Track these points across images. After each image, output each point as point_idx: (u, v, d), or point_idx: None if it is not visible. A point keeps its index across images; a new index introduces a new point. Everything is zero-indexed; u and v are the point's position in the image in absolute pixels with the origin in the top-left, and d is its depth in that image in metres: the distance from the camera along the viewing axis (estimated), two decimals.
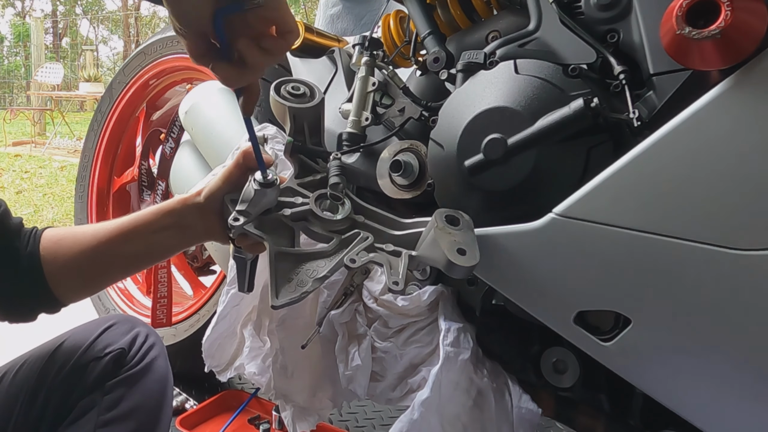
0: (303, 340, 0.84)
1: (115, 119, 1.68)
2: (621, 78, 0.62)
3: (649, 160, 0.54)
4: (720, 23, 0.47)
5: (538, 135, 0.62)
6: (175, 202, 0.72)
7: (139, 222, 0.71)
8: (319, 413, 0.92)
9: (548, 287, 0.61)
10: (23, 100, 12.99)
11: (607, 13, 0.66)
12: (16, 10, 24.56)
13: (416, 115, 0.80)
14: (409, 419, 0.67)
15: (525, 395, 0.74)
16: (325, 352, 0.88)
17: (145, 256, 0.73)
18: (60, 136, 7.80)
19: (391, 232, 0.67)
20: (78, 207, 1.75)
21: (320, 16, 1.97)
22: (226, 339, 0.94)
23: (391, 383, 0.82)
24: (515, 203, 0.65)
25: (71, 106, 12.78)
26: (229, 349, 0.95)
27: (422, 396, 0.67)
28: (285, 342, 0.88)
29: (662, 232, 0.53)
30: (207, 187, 0.71)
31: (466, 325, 0.75)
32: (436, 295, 0.78)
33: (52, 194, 4.39)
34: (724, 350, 0.53)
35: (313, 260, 0.61)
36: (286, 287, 0.57)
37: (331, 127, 0.99)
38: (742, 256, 0.50)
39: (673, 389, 0.58)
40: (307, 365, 0.89)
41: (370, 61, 0.85)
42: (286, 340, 0.88)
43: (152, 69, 1.56)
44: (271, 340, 0.89)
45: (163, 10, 0.66)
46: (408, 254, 0.61)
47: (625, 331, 0.58)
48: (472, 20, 0.86)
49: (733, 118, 0.50)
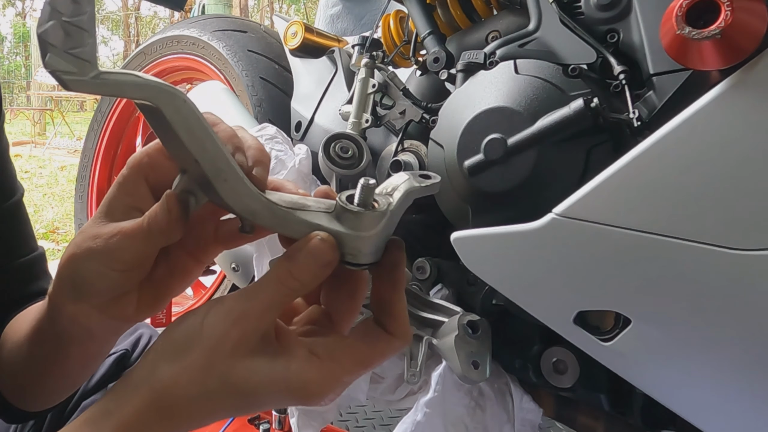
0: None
1: (115, 119, 1.68)
2: (621, 78, 0.62)
3: (649, 160, 0.54)
4: (720, 23, 0.47)
5: (538, 135, 0.62)
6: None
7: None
8: (323, 416, 0.92)
9: (548, 287, 0.61)
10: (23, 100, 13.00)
11: (607, 13, 0.66)
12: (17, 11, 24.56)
13: (417, 117, 0.80)
14: (413, 420, 0.67)
15: (526, 395, 0.74)
16: None
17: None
18: (60, 136, 7.80)
19: (414, 312, 0.71)
20: (78, 207, 1.75)
21: (320, 16, 1.98)
22: None
23: (391, 385, 0.82)
24: (515, 203, 0.65)
25: (71, 106, 12.78)
26: None
27: (426, 397, 0.68)
28: None
29: (662, 232, 0.53)
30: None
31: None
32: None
33: (52, 194, 4.39)
34: (724, 350, 0.53)
35: None
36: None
37: (330, 128, 0.99)
38: (742, 256, 0.50)
39: (673, 389, 0.58)
40: None
41: (370, 63, 0.85)
42: None
43: (152, 69, 1.56)
44: None
45: (163, 10, 0.64)
46: (428, 341, 0.68)
47: (625, 331, 0.58)
48: (472, 20, 0.86)
49: (733, 118, 0.50)
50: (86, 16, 0.29)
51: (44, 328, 0.44)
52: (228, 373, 0.33)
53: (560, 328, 0.62)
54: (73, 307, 0.40)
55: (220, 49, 1.30)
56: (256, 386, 0.34)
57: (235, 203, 0.35)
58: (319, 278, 0.35)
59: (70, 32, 0.28)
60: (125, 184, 0.40)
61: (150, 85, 0.31)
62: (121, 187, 0.40)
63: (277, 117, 1.14)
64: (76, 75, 0.29)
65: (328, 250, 0.34)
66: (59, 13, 0.28)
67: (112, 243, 0.37)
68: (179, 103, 0.32)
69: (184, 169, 0.36)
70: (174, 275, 0.42)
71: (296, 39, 1.10)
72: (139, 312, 0.41)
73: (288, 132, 1.06)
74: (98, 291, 0.39)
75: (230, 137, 0.38)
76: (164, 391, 0.33)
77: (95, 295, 0.39)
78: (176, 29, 1.45)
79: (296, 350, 0.35)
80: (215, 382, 0.33)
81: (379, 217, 0.34)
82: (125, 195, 0.40)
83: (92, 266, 0.38)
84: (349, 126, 0.84)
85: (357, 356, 0.35)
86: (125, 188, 0.40)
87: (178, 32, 1.43)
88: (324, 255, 0.34)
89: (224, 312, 0.34)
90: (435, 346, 0.68)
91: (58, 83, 0.29)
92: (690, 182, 0.52)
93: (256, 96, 1.19)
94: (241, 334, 0.33)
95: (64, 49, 0.28)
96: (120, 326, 0.45)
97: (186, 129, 0.33)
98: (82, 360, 0.47)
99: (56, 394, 0.53)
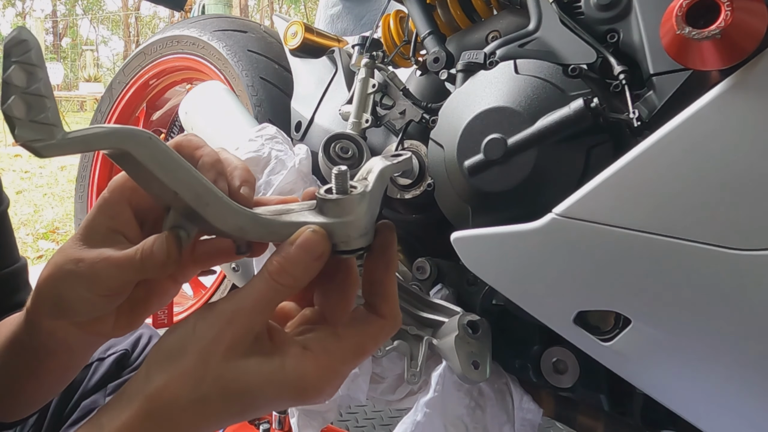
0: None
1: (115, 119, 1.68)
2: (621, 78, 0.62)
3: (649, 160, 0.54)
4: (720, 23, 0.47)
5: (538, 135, 0.62)
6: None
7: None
8: (323, 416, 0.92)
9: (548, 287, 0.61)
10: None
11: (607, 13, 0.66)
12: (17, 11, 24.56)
13: (417, 117, 0.80)
14: (413, 420, 0.67)
15: (526, 395, 0.74)
16: None
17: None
18: None
19: (415, 312, 0.71)
20: (78, 207, 1.75)
21: (320, 16, 1.97)
22: None
23: (391, 385, 0.82)
24: (515, 203, 0.65)
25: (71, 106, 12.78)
26: None
27: (426, 397, 0.68)
28: None
29: (662, 232, 0.53)
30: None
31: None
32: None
33: (52, 194, 4.39)
34: (724, 350, 0.53)
35: None
36: None
37: (330, 128, 0.99)
38: (742, 256, 0.50)
39: (673, 389, 0.58)
40: None
41: (370, 63, 0.85)
42: None
43: (152, 69, 1.55)
44: None
45: (163, 10, 0.63)
46: (429, 341, 0.68)
47: (625, 331, 0.58)
48: (472, 20, 0.86)
49: (733, 118, 0.50)
50: (42, 83, 0.30)
51: (20, 339, 0.44)
52: (222, 375, 0.33)
53: (560, 328, 0.62)
54: (51, 323, 0.40)
55: (220, 49, 1.29)
56: (251, 387, 0.33)
57: (221, 224, 0.35)
58: (311, 271, 0.35)
59: (31, 102, 0.30)
60: (107, 207, 0.40)
61: (114, 132, 0.33)
62: (102, 210, 0.40)
63: (277, 117, 1.14)
64: (45, 140, 0.30)
65: (320, 240, 0.34)
66: (17, 87, 0.29)
67: (98, 269, 0.37)
68: (145, 142, 0.33)
69: (168, 206, 0.37)
70: (152, 296, 0.42)
71: (296, 39, 1.10)
72: (116, 329, 0.41)
73: (288, 132, 1.06)
74: (78, 312, 0.39)
75: (214, 163, 0.39)
76: (158, 399, 0.32)
77: (75, 315, 0.39)
78: (176, 29, 1.45)
79: (290, 348, 0.34)
80: (209, 385, 0.33)
81: (359, 200, 0.35)
82: (107, 218, 0.40)
83: (75, 289, 0.38)
84: (349, 126, 0.84)
85: (350, 345, 0.35)
86: (107, 211, 0.40)
87: (178, 32, 1.43)
88: (316, 246, 0.34)
89: (216, 314, 0.34)
90: (435, 346, 0.68)
91: (31, 153, 0.30)
92: (690, 182, 0.52)
93: (256, 96, 1.19)
94: (233, 336, 0.33)
95: (29, 119, 0.30)
96: (97, 341, 0.45)
97: (157, 165, 0.34)
98: (58, 372, 0.47)
99: (29, 406, 0.52)
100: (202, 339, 0.33)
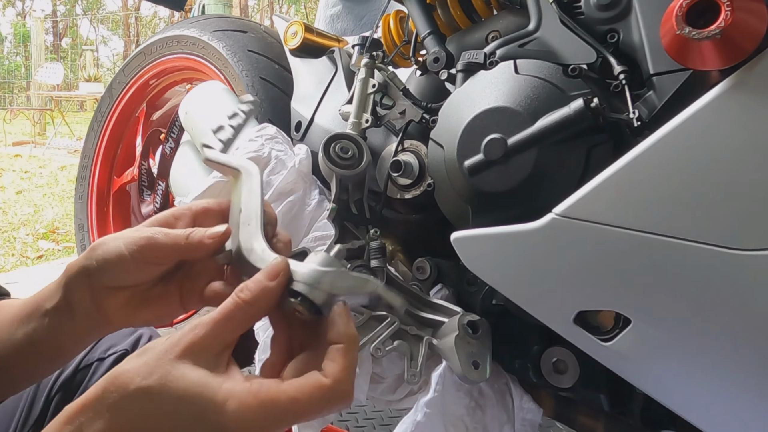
0: None
1: (115, 119, 1.68)
2: (621, 78, 0.62)
3: (649, 160, 0.54)
4: (720, 23, 0.47)
5: (538, 135, 0.62)
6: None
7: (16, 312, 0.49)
8: (324, 417, 0.92)
9: (548, 287, 0.61)
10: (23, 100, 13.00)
11: (607, 13, 0.66)
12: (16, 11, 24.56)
13: (417, 117, 0.80)
14: (413, 420, 0.67)
15: (526, 395, 0.74)
16: None
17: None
18: (60, 136, 7.80)
19: (415, 312, 0.72)
20: (78, 207, 1.75)
21: (320, 16, 1.97)
22: None
23: (391, 385, 0.82)
24: (515, 203, 0.65)
25: (71, 106, 12.78)
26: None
27: (426, 397, 0.68)
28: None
29: (662, 232, 0.53)
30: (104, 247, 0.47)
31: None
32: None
33: (52, 194, 4.39)
34: (724, 350, 0.53)
35: None
36: None
37: (330, 128, 0.99)
38: (742, 256, 0.50)
39: (673, 389, 0.58)
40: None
41: (370, 63, 0.85)
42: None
43: (152, 69, 1.55)
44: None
45: (163, 10, 0.64)
46: (428, 342, 0.68)
47: (625, 331, 0.58)
48: (472, 20, 0.86)
49: (733, 118, 0.50)
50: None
51: (22, 324, 0.48)
52: (169, 371, 0.36)
53: (560, 328, 0.62)
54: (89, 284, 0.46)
55: (220, 49, 1.29)
56: (188, 392, 0.36)
57: (242, 242, 0.46)
58: (269, 292, 0.39)
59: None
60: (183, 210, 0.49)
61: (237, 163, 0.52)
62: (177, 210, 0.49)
63: (277, 117, 1.14)
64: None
65: (279, 266, 0.40)
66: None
67: (147, 235, 0.45)
68: (254, 171, 0.50)
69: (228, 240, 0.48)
70: (160, 302, 0.49)
71: (296, 39, 1.10)
72: (118, 319, 0.48)
73: (288, 132, 1.06)
74: (115, 274, 0.46)
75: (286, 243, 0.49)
76: (115, 381, 0.36)
77: (111, 277, 0.46)
78: (176, 29, 1.45)
79: (237, 376, 0.38)
80: (155, 379, 0.36)
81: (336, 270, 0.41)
82: (170, 215, 0.49)
83: (119, 249, 0.45)
84: (349, 126, 0.84)
85: (285, 393, 0.37)
86: (177, 211, 0.49)
87: (178, 32, 1.43)
88: (273, 269, 0.40)
89: (188, 324, 0.38)
90: (435, 346, 0.68)
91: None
92: (690, 182, 0.52)
93: (256, 96, 1.19)
94: (191, 340, 0.37)
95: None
96: (97, 330, 0.49)
97: (248, 188, 0.48)
98: (51, 359, 0.50)
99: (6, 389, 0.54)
100: (168, 340, 0.38)
